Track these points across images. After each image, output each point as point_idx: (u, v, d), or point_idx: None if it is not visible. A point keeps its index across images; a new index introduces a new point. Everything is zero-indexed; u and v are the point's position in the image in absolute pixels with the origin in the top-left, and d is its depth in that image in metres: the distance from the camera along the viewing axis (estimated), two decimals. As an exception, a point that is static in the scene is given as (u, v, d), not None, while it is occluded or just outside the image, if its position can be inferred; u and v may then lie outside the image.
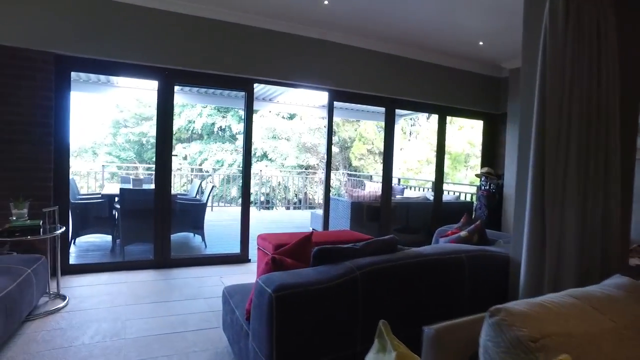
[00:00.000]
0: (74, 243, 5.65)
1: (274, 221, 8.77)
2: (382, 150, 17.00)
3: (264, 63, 4.95)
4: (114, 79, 6.64)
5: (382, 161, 5.62)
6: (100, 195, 5.59)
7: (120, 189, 5.02)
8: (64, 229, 3.59)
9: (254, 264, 5.00)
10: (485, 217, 6.38)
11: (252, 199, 14.83)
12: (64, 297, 3.60)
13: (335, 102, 5.53)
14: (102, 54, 4.27)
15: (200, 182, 6.73)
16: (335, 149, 16.86)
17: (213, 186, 5.76)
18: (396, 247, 2.51)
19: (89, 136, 23.87)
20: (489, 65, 6.35)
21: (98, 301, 3.60)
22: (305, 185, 14.27)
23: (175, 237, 5.77)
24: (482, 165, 6.86)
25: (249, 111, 5.01)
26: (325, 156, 5.54)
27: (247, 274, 4.59)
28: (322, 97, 7.63)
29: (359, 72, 5.54)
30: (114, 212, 5.52)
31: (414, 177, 13.60)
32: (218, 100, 8.08)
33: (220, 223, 7.95)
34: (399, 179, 9.24)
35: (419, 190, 9.10)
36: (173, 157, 4.70)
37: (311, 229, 7.70)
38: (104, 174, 9.62)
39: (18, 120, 3.99)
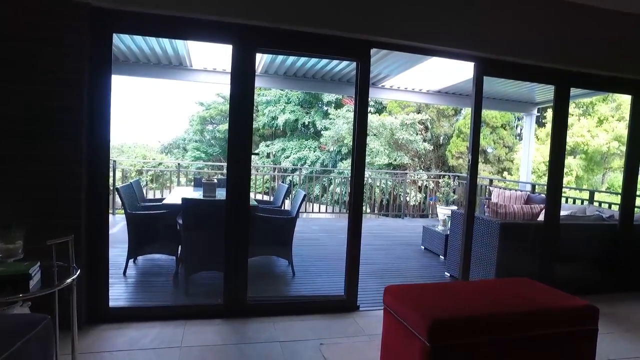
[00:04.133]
0: (134, 261, 4.41)
1: (370, 233, 7.00)
2: (485, 148, 14.47)
3: (384, 18, 3.20)
4: (186, 60, 5.32)
5: (469, 161, 3.60)
6: (163, 205, 4.25)
7: (182, 200, 3.60)
8: (77, 274, 2.14)
9: (365, 316, 3.29)
10: None
11: (336, 198, 13.25)
12: (81, 380, 2.18)
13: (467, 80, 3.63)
14: (154, 3, 2.82)
15: (288, 188, 5.18)
16: (427, 147, 14.66)
17: (305, 195, 4.14)
18: None
19: (176, 132, 24.06)
20: None
21: (129, 395, 2.12)
22: (394, 186, 12.36)
23: (253, 259, 4.32)
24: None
25: (363, 89, 3.29)
26: (470, 156, 3.63)
27: (358, 339, 2.89)
28: (448, 77, 5.70)
29: (520, 32, 3.56)
30: (179, 228, 4.14)
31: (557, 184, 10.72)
32: (310, 85, 6.35)
33: (308, 236, 6.37)
34: (533, 186, 6.99)
35: (566, 201, 6.75)
36: (253, 157, 3.17)
37: (422, 247, 5.85)
38: (180, 175, 8.47)
39: (36, 103, 2.66)
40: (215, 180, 4.84)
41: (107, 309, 2.95)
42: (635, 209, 5.36)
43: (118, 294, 3.55)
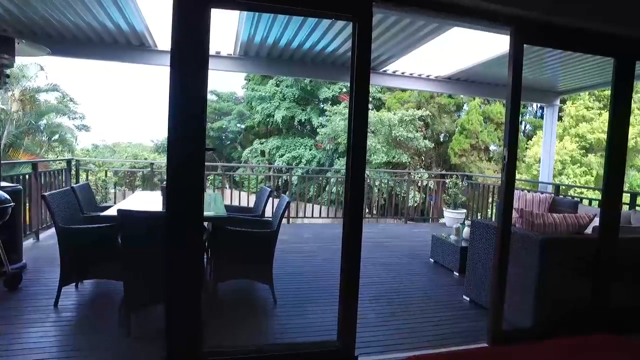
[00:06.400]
0: (77, 286, 3.45)
1: (370, 241, 6.02)
2: (488, 145, 13.53)
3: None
4: (147, 39, 4.34)
5: (505, 158, 2.63)
6: (104, 217, 3.26)
7: (118, 212, 2.63)
8: None
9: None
10: None
11: (332, 198, 12.29)
12: None
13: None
14: None
15: (271, 192, 4.20)
16: (427, 144, 13.62)
17: (289, 202, 3.18)
18: None
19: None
20: None
21: None
22: (394, 186, 11.38)
23: (224, 285, 3.40)
24: None
25: (362, 61, 2.32)
26: (506, 152, 2.66)
27: None
28: (461, 58, 4.74)
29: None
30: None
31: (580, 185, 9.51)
32: (299, 69, 5.24)
33: (297, 248, 5.38)
34: (558, 187, 6.00)
35: (589, 204, 5.78)
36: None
37: (432, 260, 4.88)
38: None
39: None
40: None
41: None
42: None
43: (26, 341, 2.57)
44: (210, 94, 21.48)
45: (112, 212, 3.29)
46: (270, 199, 4.35)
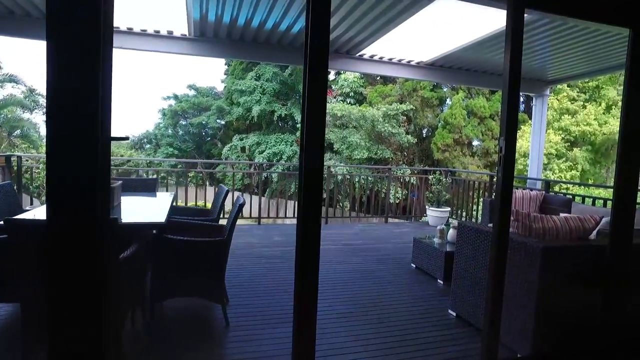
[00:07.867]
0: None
1: (347, 246, 5.48)
2: (471, 140, 13.10)
3: None
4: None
5: (501, 150, 2.14)
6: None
7: (5, 221, 2.00)
8: None
9: None
10: None
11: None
12: None
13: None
14: None
15: (226, 192, 3.59)
16: (410, 139, 13.11)
17: (241, 204, 2.58)
18: None
19: (146, 125, 22.17)
20: None
21: None
22: (375, 182, 10.88)
23: (168, 303, 2.82)
24: None
25: (317, 34, 1.76)
26: (504, 142, 2.11)
27: None
28: (446, 41, 4.21)
29: None
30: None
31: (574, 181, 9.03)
32: (262, 52, 4.34)
33: (264, 252, 4.80)
34: (548, 183, 5.51)
35: (583, 201, 5.30)
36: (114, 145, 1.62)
37: (413, 266, 4.35)
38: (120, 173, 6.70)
39: None
40: (119, 182, 3.22)
41: None
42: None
43: None
44: (189, 88, 20.64)
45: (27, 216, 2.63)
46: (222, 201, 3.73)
